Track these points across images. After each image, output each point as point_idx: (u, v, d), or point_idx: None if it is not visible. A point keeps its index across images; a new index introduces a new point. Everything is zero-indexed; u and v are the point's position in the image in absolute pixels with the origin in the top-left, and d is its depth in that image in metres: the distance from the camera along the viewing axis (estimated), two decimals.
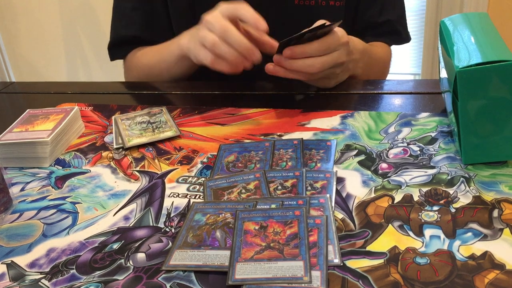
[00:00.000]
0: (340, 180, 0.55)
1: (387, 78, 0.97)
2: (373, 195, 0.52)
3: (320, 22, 0.70)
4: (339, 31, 0.72)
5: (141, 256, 0.46)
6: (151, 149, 0.66)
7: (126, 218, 0.52)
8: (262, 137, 0.66)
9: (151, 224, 0.51)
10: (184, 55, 0.80)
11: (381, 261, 0.43)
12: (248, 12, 0.69)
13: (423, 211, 0.48)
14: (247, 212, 0.49)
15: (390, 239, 0.45)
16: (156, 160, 0.63)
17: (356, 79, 0.83)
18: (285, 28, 0.74)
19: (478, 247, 0.43)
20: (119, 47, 0.96)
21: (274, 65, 0.70)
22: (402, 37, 0.97)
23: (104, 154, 0.66)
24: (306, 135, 0.65)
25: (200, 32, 0.71)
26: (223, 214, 0.50)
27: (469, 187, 0.51)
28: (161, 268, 0.44)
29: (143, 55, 0.93)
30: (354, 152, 0.60)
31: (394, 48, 1.00)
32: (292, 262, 0.42)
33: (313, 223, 0.47)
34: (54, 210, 0.55)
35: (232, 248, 0.45)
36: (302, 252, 0.43)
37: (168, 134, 0.68)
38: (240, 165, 0.60)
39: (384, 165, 0.57)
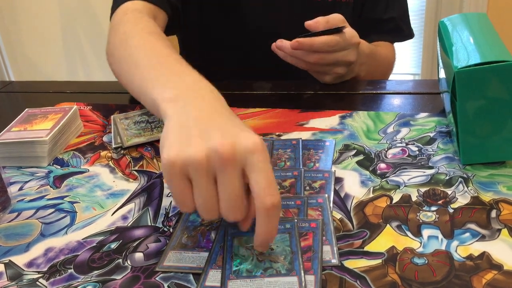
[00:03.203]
0: (338, 180, 0.55)
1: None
2: (371, 195, 0.52)
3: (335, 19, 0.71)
4: (350, 31, 0.72)
5: (139, 255, 0.46)
6: (149, 148, 0.66)
7: (124, 217, 0.52)
8: (261, 136, 0.66)
9: (149, 224, 0.51)
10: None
11: (379, 261, 0.43)
12: None
13: (421, 211, 0.48)
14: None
15: (388, 239, 0.45)
16: (154, 160, 0.63)
17: (358, 79, 0.83)
18: (293, 25, 0.75)
19: (476, 248, 0.43)
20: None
21: (277, 48, 0.72)
22: (404, 34, 0.97)
23: (103, 153, 0.66)
24: (305, 135, 0.65)
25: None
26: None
27: (467, 188, 0.51)
28: (155, 269, 0.44)
29: (134, 39, 0.66)
30: (353, 152, 0.60)
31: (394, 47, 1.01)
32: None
33: (308, 226, 0.47)
34: (52, 210, 0.55)
35: (210, 253, 0.45)
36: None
37: None
38: None
39: (382, 165, 0.57)
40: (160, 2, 0.80)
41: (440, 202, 0.49)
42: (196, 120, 0.43)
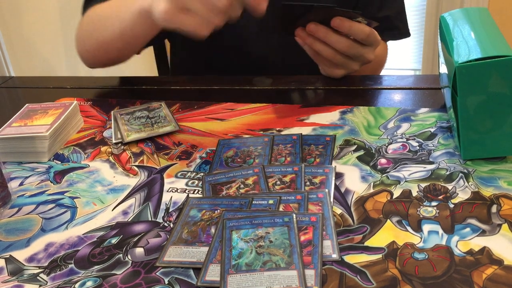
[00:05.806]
0: (339, 176, 0.55)
1: (387, 74, 0.97)
2: (371, 190, 0.52)
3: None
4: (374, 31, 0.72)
5: (139, 251, 0.47)
6: (150, 144, 0.66)
7: (125, 213, 0.52)
8: (261, 132, 0.66)
9: (150, 219, 0.51)
10: (144, 13, 0.69)
11: (379, 256, 0.43)
12: None
13: (421, 207, 0.48)
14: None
15: (388, 234, 0.45)
16: (155, 155, 0.63)
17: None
18: (285, 46, 0.74)
19: (476, 243, 0.43)
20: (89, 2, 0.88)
21: (304, 32, 0.70)
22: (401, 32, 0.96)
23: (103, 149, 0.66)
24: (305, 130, 0.65)
25: None
26: (218, 210, 0.50)
27: (468, 183, 0.51)
28: (155, 265, 0.44)
29: (99, 7, 0.84)
30: (353, 148, 0.60)
31: (394, 43, 1.00)
32: None
33: (308, 220, 0.47)
34: (53, 205, 0.55)
35: (209, 248, 0.45)
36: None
37: (167, 129, 0.68)
38: (239, 160, 0.59)
39: (383, 161, 0.57)
40: None
41: (440, 197, 0.49)
42: None
